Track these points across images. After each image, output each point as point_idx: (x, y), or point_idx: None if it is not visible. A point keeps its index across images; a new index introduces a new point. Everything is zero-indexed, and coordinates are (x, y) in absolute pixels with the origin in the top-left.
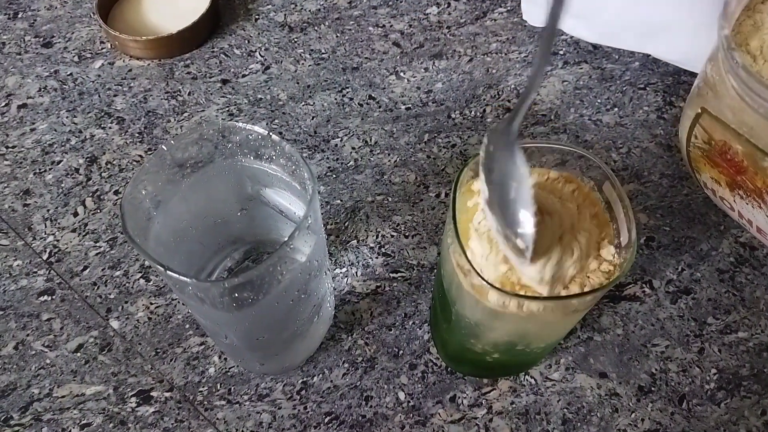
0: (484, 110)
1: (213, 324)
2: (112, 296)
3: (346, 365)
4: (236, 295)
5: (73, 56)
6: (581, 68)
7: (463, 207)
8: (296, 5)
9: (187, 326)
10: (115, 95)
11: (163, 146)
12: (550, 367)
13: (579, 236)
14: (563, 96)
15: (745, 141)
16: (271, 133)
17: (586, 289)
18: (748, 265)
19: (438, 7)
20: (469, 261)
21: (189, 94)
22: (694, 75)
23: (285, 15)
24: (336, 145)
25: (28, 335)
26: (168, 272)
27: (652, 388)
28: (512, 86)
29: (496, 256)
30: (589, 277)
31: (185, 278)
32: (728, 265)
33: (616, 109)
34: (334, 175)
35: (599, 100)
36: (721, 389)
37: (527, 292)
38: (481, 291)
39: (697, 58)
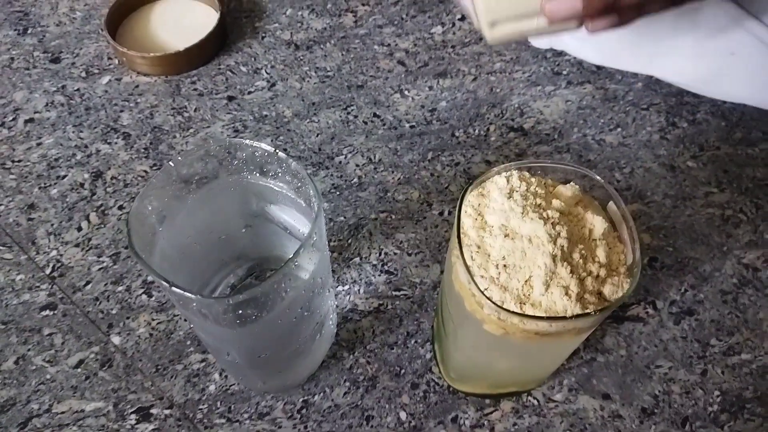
0: (488, 129)
1: (215, 340)
2: (113, 312)
3: (347, 384)
4: (240, 311)
5: (81, 72)
6: (585, 88)
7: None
8: (302, 24)
9: (189, 343)
10: (121, 111)
11: (171, 162)
12: (553, 388)
13: (600, 249)
14: (567, 116)
15: None
16: (277, 150)
17: (590, 308)
18: (751, 287)
19: (443, 27)
20: (473, 278)
21: (195, 110)
22: (697, 96)
23: (291, 33)
24: (340, 162)
25: (29, 350)
26: (172, 288)
27: (655, 410)
28: (516, 105)
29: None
30: (601, 293)
31: (189, 294)
32: (731, 287)
33: (619, 129)
34: (338, 192)
35: (602, 120)
36: (725, 411)
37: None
38: (484, 314)
39: (700, 79)
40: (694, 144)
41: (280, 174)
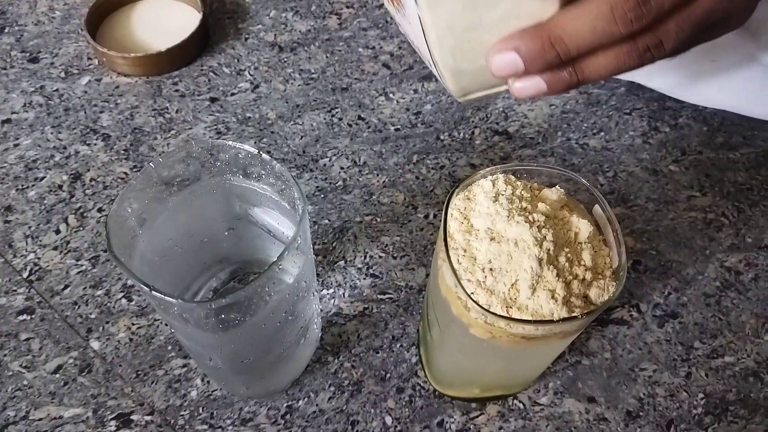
0: (473, 132)
1: (197, 346)
2: (93, 316)
3: (332, 389)
4: (222, 316)
5: (60, 72)
6: (568, 93)
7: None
8: (286, 26)
9: (170, 348)
10: (101, 112)
11: (151, 164)
12: (539, 392)
13: (585, 252)
14: (550, 120)
15: None
16: (261, 152)
17: (576, 312)
18: (734, 290)
19: None
20: (459, 282)
21: (177, 111)
22: (678, 102)
23: (275, 35)
24: (324, 164)
25: (5, 355)
26: (153, 292)
27: (640, 413)
28: (500, 109)
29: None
30: (587, 296)
31: (170, 298)
32: (714, 290)
33: (602, 133)
34: (323, 195)
35: (586, 125)
36: (709, 414)
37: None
38: (470, 318)
39: (682, 85)
40: (677, 148)
41: (263, 176)
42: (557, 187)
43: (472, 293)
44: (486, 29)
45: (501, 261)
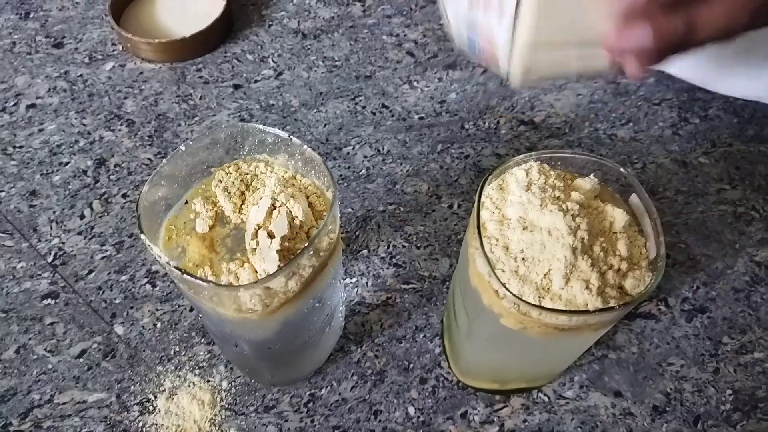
0: (498, 122)
1: (224, 331)
2: (117, 301)
3: (354, 378)
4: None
5: (84, 57)
6: (596, 82)
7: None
8: (310, 12)
9: (194, 334)
10: (125, 97)
11: (182, 147)
12: (564, 385)
13: (621, 242)
14: (578, 109)
15: None
16: (291, 136)
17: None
18: (764, 285)
19: None
20: (493, 271)
21: (200, 98)
22: (708, 92)
23: (299, 22)
24: (348, 153)
25: (30, 339)
26: (184, 275)
27: (667, 408)
28: (526, 98)
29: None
30: (622, 287)
31: (202, 282)
32: (743, 284)
33: (630, 124)
34: (346, 184)
35: (614, 115)
36: (737, 411)
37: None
38: (502, 308)
39: (713, 76)
40: (706, 140)
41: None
42: (591, 176)
43: (505, 283)
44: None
45: (534, 250)
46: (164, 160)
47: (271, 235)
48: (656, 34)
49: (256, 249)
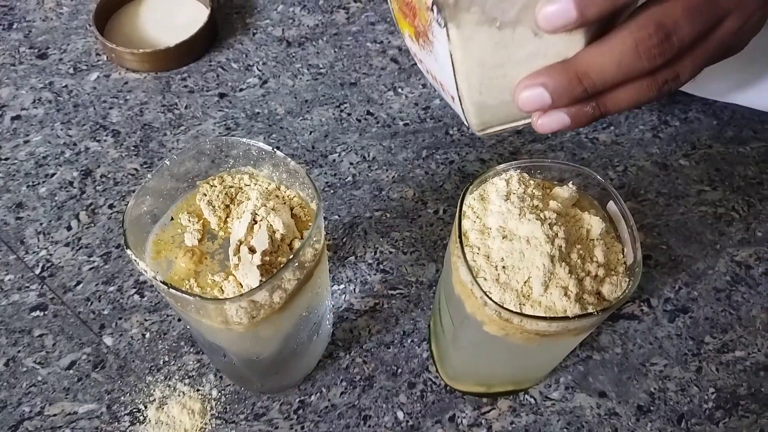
0: None
1: (212, 342)
2: (105, 312)
3: (344, 384)
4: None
5: (69, 68)
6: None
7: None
8: (294, 20)
9: (183, 343)
10: (110, 108)
11: (167, 161)
12: (550, 386)
13: (597, 248)
14: None
15: None
16: (275, 149)
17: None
18: (744, 284)
19: None
20: (475, 279)
21: (186, 107)
22: (688, 95)
23: (283, 30)
24: (334, 160)
25: (19, 352)
26: (170, 290)
27: (651, 408)
28: None
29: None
30: (600, 293)
31: (187, 295)
32: (724, 284)
33: (612, 127)
34: (332, 191)
35: None
36: (720, 408)
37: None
38: (484, 315)
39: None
40: (686, 142)
41: (275, 173)
42: (569, 184)
43: (487, 291)
44: (514, 65)
45: (514, 258)
46: (149, 174)
47: (252, 250)
48: (572, 121)
49: (238, 264)
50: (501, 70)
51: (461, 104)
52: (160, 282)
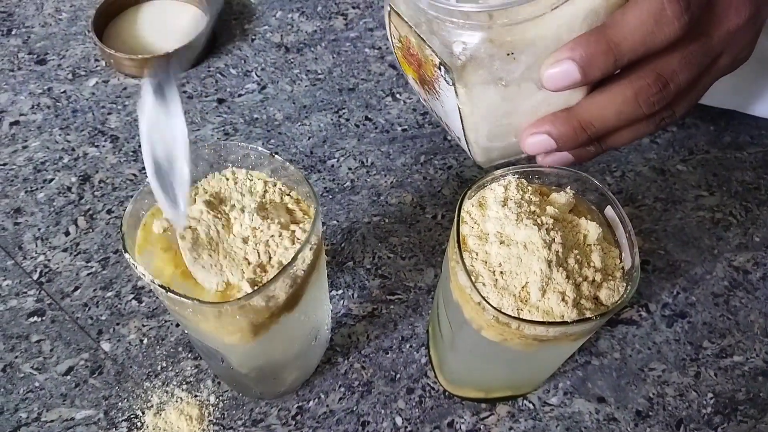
0: None
1: (210, 347)
2: (103, 318)
3: (342, 389)
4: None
5: (67, 74)
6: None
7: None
8: (292, 26)
9: (180, 349)
10: (109, 113)
11: None
12: (548, 392)
13: (594, 253)
14: None
15: (413, 31)
16: (273, 153)
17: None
18: (742, 289)
19: None
20: (474, 284)
21: (185, 113)
22: None
23: (281, 36)
24: (332, 165)
25: (16, 357)
26: (168, 293)
27: (650, 413)
28: None
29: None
30: (597, 298)
31: (185, 299)
32: (722, 289)
33: None
34: (330, 196)
35: None
36: (718, 413)
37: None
38: (482, 321)
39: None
40: (684, 148)
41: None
42: (566, 190)
43: (485, 296)
44: (520, 115)
45: (511, 264)
46: (147, 180)
47: (250, 254)
48: (576, 158)
49: (233, 268)
50: (507, 119)
51: (468, 146)
52: (158, 285)
